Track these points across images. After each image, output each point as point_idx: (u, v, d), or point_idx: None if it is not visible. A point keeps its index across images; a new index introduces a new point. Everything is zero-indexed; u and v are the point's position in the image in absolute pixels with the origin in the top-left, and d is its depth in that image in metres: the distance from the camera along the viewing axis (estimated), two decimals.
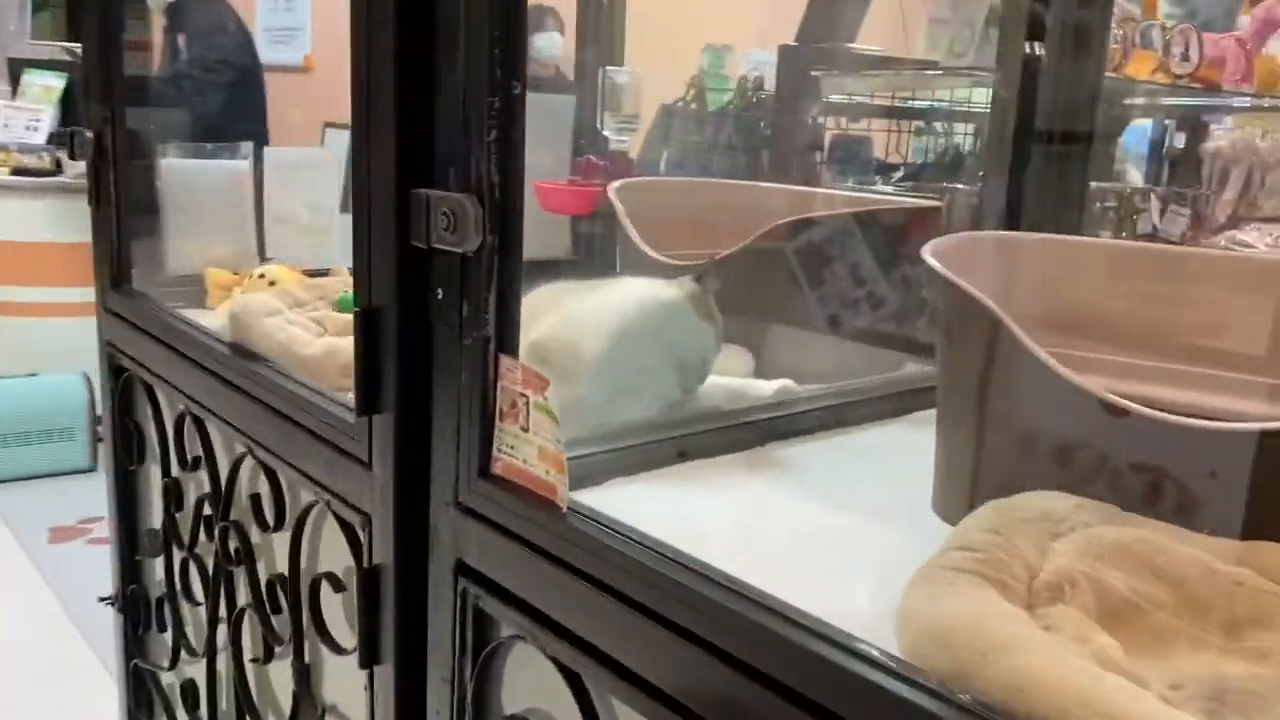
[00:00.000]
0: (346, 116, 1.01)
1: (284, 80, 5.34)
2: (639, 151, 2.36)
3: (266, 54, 5.40)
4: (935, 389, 1.09)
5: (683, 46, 2.64)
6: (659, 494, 1.06)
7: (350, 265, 1.10)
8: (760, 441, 1.22)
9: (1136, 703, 0.63)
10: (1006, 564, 0.81)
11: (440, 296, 0.94)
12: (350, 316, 1.47)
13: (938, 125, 2.29)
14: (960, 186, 2.05)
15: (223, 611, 1.44)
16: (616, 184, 1.77)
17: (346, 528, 1.13)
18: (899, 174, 2.21)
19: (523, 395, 0.91)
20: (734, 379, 1.36)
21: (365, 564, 1.08)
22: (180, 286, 1.80)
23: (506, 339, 0.93)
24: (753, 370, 1.50)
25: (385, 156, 0.96)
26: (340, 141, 5.22)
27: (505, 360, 0.92)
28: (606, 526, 0.85)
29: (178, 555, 1.60)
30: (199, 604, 1.56)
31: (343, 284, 1.71)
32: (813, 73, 1.98)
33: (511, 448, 0.92)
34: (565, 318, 1.19)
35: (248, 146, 1.98)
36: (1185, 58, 2.26)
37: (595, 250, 1.90)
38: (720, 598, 0.74)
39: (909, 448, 1.27)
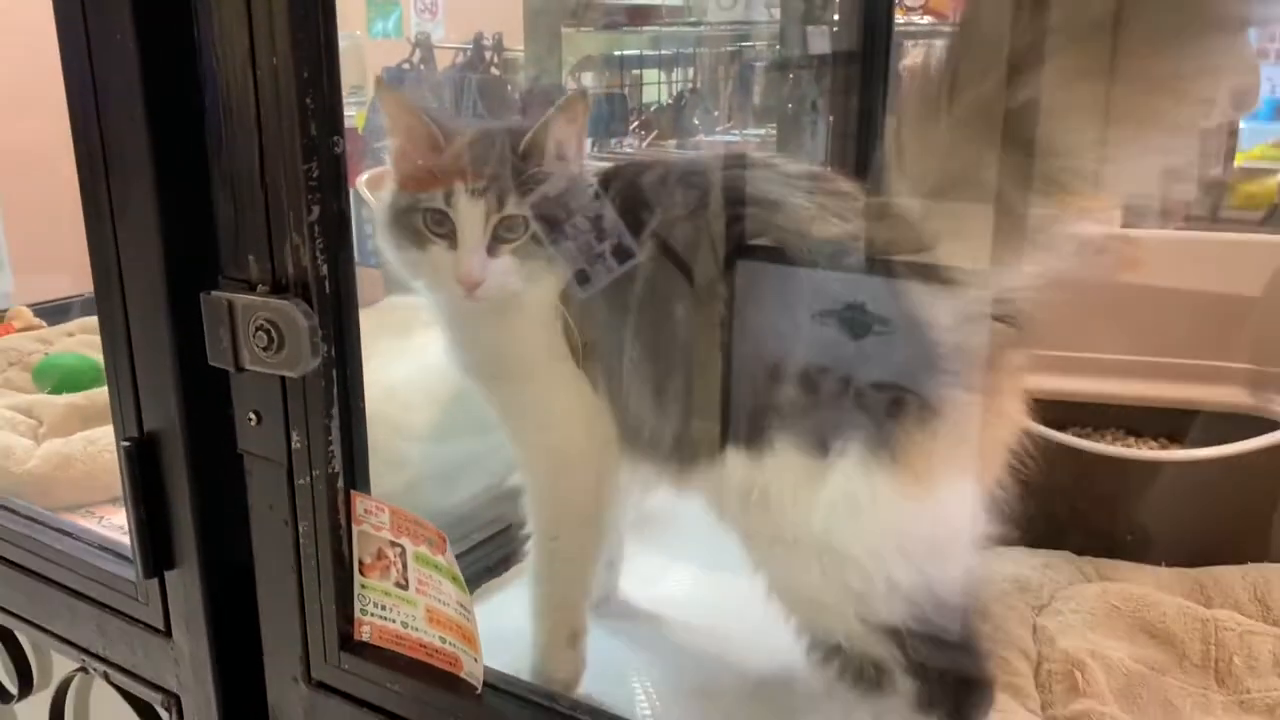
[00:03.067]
0: None
1: None
2: (364, 127, 2.07)
3: None
4: None
5: None
6: None
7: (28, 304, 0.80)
8: None
9: None
10: (1007, 662, 0.72)
11: (255, 423, 0.70)
12: (70, 400, 1.16)
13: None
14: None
15: None
16: (364, 175, 1.50)
17: (139, 705, 0.87)
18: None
19: (394, 545, 0.70)
20: None
21: None
22: None
23: (359, 473, 0.71)
24: None
25: (143, 245, 0.70)
26: None
27: (363, 501, 0.70)
28: (546, 704, 0.67)
29: None
30: None
31: (35, 339, 1.36)
32: (563, 29, 1.78)
33: (383, 609, 0.71)
34: (380, 387, 0.96)
35: None
36: None
37: None
38: None
39: None
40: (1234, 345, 1.10)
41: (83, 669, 0.90)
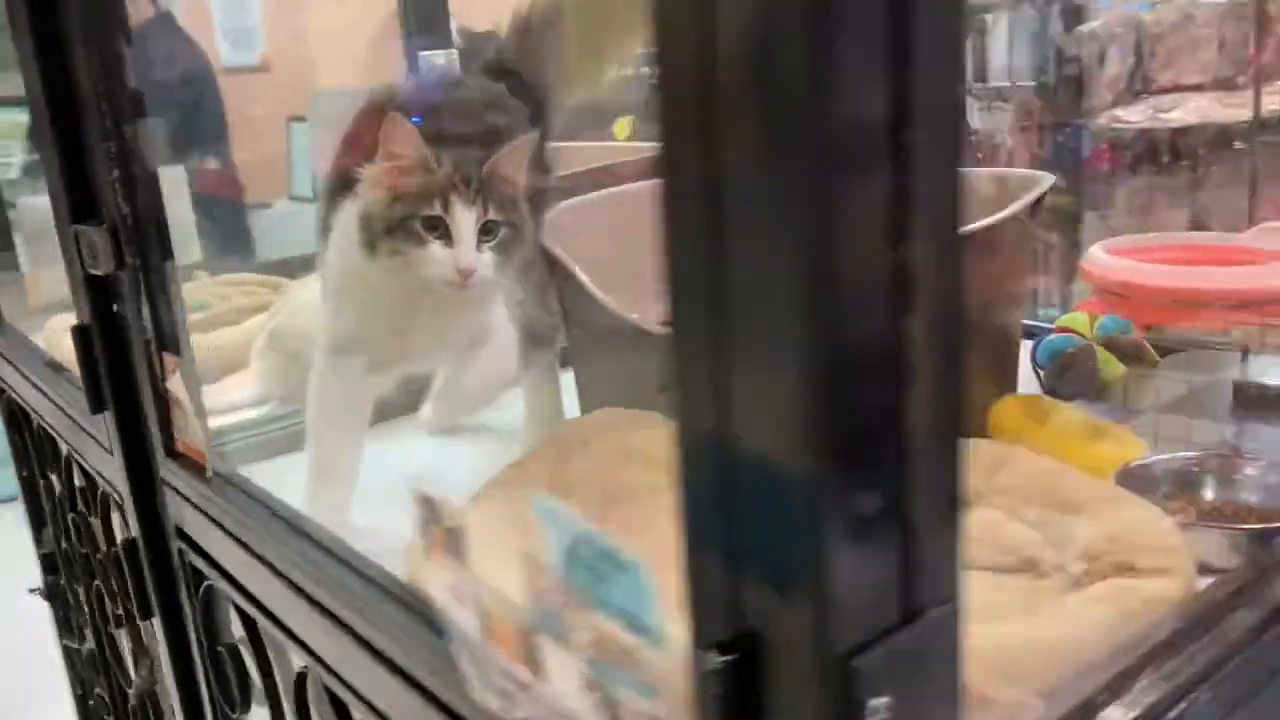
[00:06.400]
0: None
1: (244, 81, 5.47)
2: None
3: (226, 56, 5.56)
4: None
5: None
6: None
7: None
8: None
9: None
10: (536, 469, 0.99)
11: (118, 310, 1.12)
12: None
13: None
14: None
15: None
16: None
17: (104, 503, 1.32)
18: None
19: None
20: None
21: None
22: None
23: (166, 339, 1.10)
24: None
25: (56, 192, 1.13)
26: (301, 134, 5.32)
27: (167, 358, 1.09)
28: (241, 490, 1.02)
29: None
30: None
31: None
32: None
33: (183, 428, 1.10)
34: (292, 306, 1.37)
35: None
36: None
37: None
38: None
39: None
40: None
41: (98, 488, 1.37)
